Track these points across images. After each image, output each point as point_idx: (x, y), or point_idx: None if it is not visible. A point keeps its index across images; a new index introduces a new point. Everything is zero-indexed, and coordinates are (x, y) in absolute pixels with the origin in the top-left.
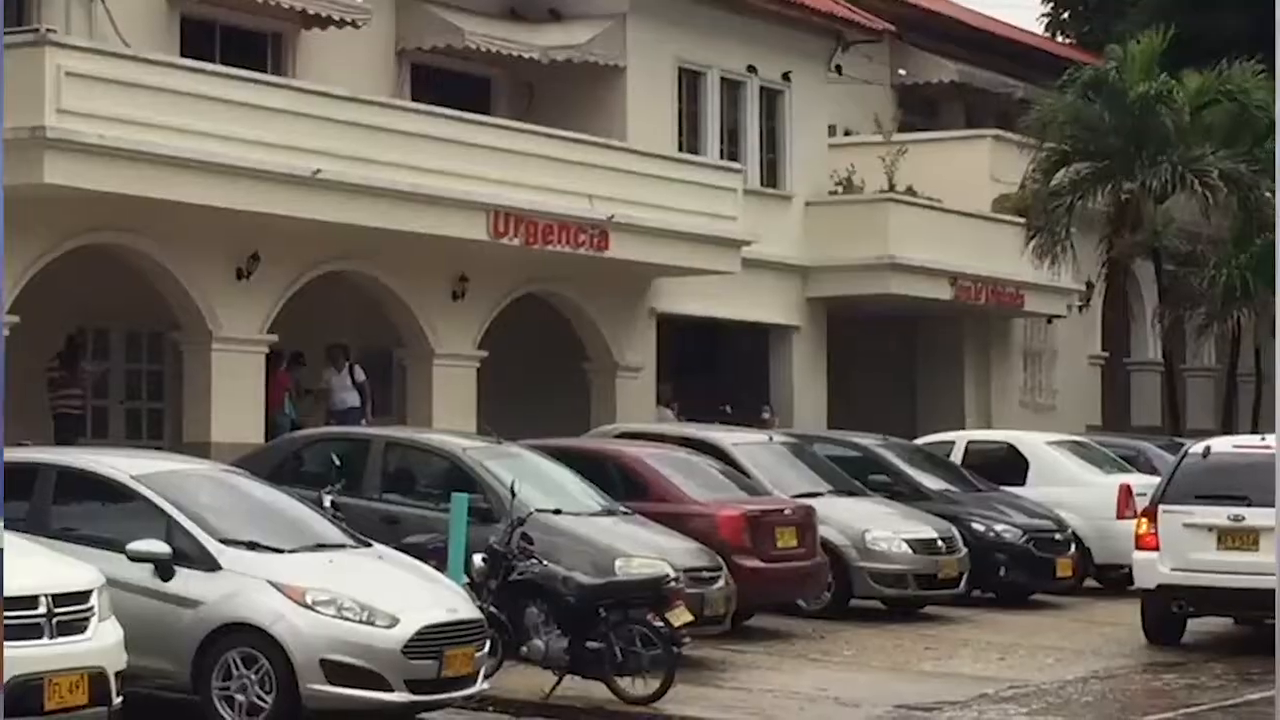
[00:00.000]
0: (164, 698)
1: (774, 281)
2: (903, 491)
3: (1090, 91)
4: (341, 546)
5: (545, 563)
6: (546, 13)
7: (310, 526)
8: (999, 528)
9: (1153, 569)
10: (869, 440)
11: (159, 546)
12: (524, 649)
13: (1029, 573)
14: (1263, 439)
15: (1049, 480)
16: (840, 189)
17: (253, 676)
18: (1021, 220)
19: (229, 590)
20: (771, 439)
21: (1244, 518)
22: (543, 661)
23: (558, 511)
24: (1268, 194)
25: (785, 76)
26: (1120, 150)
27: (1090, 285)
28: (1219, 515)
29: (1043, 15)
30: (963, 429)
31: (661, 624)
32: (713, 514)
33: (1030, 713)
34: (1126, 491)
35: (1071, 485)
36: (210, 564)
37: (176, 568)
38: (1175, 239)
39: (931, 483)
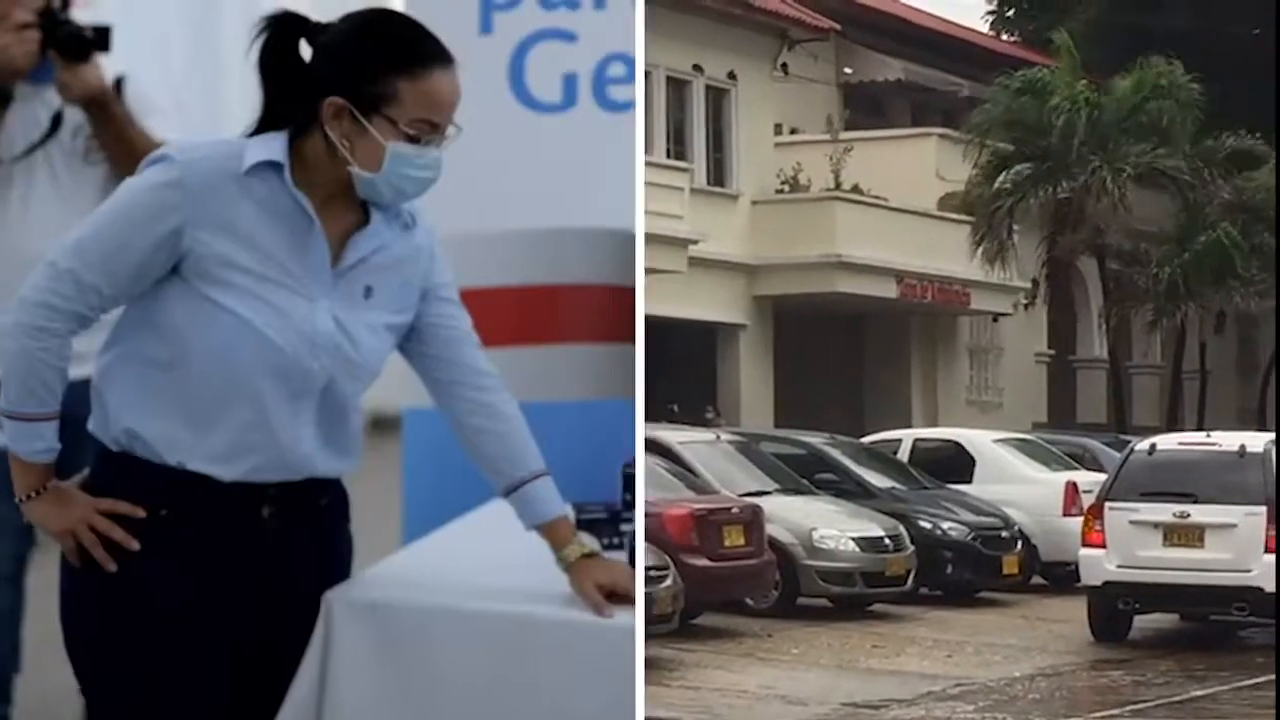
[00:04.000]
0: None
1: (720, 280)
2: (850, 490)
3: (1023, 96)
4: None
5: None
6: None
7: None
8: (945, 525)
9: (1099, 566)
10: (816, 439)
11: None
12: None
13: (975, 570)
14: (1208, 435)
15: (996, 478)
16: (787, 188)
17: None
18: (967, 219)
19: None
20: (718, 437)
21: (1189, 514)
22: None
23: None
24: (1216, 195)
25: (731, 75)
26: (1058, 151)
27: (1036, 283)
28: (1165, 512)
29: (988, 13)
30: (909, 427)
31: None
32: (660, 513)
33: (977, 710)
34: (1073, 489)
35: (1018, 483)
36: None
37: None
38: (1118, 237)
39: (878, 481)
